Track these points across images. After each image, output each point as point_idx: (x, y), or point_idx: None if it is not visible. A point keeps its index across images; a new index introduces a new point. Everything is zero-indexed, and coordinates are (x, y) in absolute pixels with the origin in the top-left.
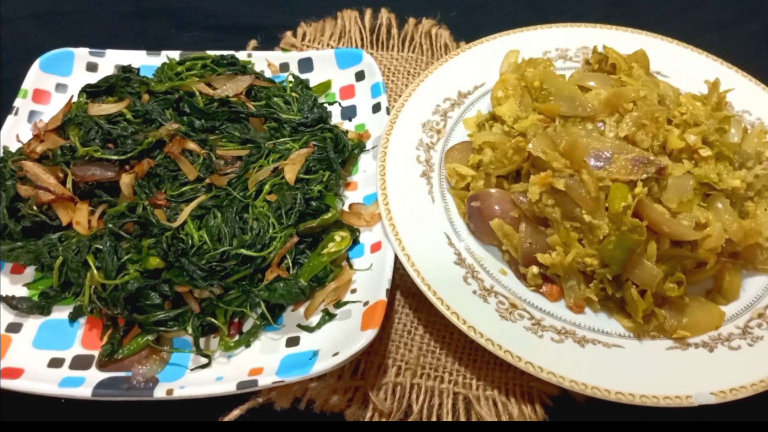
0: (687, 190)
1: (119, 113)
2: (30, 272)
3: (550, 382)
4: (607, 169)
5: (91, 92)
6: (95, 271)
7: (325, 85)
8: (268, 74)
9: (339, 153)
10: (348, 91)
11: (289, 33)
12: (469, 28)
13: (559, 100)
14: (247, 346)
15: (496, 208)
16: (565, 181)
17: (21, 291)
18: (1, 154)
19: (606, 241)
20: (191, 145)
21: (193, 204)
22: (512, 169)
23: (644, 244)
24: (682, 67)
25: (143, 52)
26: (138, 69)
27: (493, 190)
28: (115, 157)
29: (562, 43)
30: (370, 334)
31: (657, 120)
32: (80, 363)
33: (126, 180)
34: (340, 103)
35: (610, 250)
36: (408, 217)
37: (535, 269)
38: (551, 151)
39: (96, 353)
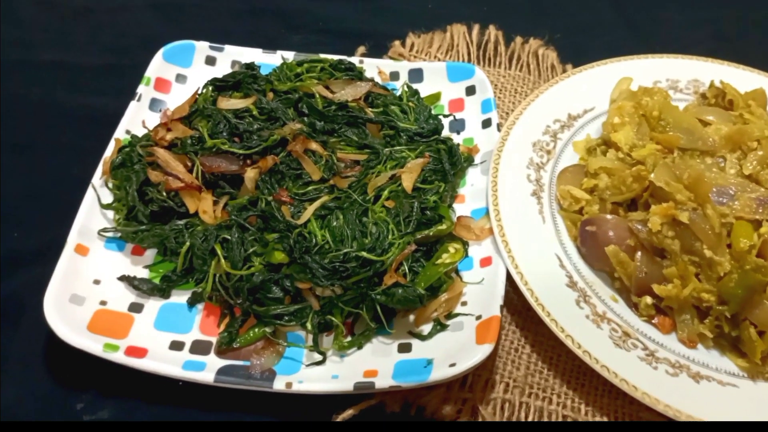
0: None
1: (246, 109)
2: (149, 255)
3: (665, 415)
4: (731, 206)
5: (219, 86)
6: (222, 261)
7: (435, 97)
8: (377, 81)
9: (452, 165)
10: (457, 105)
11: (397, 42)
12: (573, 52)
13: (677, 131)
14: (360, 347)
15: (611, 234)
16: (689, 215)
17: (141, 272)
18: (127, 137)
19: (726, 278)
20: (314, 146)
21: (318, 203)
22: (629, 197)
23: (766, 285)
24: None
25: (259, 51)
26: (259, 67)
27: (609, 216)
28: (241, 152)
29: (672, 74)
30: (487, 349)
31: None
32: (199, 348)
33: (251, 174)
34: (454, 117)
35: (731, 288)
36: (519, 234)
37: (648, 300)
38: (674, 182)
39: (212, 340)
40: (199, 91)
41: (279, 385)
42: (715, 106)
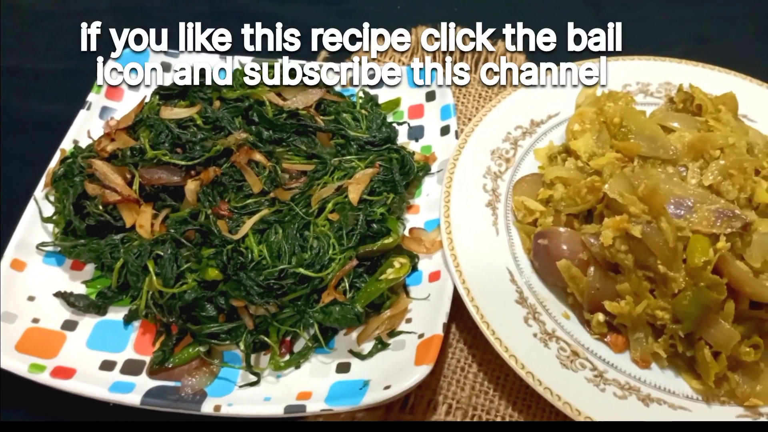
0: None
1: (190, 118)
2: (89, 270)
3: None
4: (688, 219)
5: (165, 95)
6: (154, 278)
7: (394, 103)
8: (338, 87)
9: (404, 175)
10: (417, 111)
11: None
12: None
13: (639, 139)
14: (297, 367)
15: (564, 248)
16: (642, 228)
17: (79, 288)
18: (71, 148)
19: (681, 295)
20: (258, 157)
21: (256, 217)
22: (584, 209)
23: (722, 303)
24: None
25: (216, 56)
26: (221, 70)
27: (562, 229)
28: (183, 163)
29: (643, 77)
30: (424, 370)
31: (745, 171)
32: (131, 368)
33: (191, 186)
34: (409, 124)
35: (685, 305)
36: (470, 248)
37: (600, 317)
38: (629, 194)
39: (147, 359)
40: (146, 100)
41: (207, 408)
42: (683, 111)
